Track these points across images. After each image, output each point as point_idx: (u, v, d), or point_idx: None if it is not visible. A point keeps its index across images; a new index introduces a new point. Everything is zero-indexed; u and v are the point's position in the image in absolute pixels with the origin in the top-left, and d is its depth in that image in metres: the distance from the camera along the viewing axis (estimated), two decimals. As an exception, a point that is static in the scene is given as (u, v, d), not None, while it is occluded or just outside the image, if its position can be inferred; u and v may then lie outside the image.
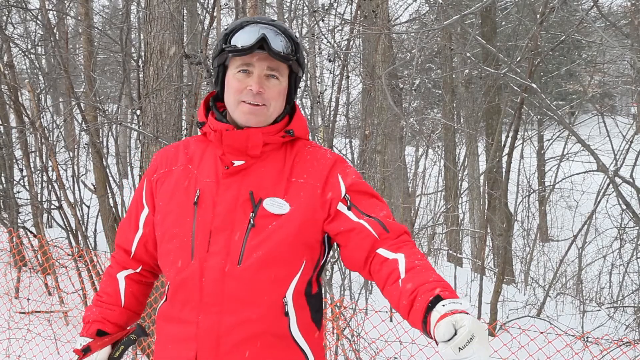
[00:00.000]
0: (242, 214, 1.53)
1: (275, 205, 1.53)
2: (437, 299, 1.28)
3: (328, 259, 1.67)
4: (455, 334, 1.18)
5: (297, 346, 1.56)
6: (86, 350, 1.68)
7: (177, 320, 1.55)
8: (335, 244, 1.62)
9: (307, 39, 6.93)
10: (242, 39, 1.53)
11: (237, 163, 1.57)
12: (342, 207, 1.55)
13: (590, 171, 7.47)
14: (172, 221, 1.58)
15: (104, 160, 6.16)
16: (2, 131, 6.61)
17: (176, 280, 1.55)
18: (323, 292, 5.11)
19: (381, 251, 1.48)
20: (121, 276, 1.73)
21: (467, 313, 1.23)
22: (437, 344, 1.21)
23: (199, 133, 1.72)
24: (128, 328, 1.76)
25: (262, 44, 1.51)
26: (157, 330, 1.64)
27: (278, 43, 1.53)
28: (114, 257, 1.77)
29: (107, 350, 1.70)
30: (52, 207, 6.63)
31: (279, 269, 1.52)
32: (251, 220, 1.51)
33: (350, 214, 1.54)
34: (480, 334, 1.17)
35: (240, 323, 1.50)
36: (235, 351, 1.50)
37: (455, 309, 1.23)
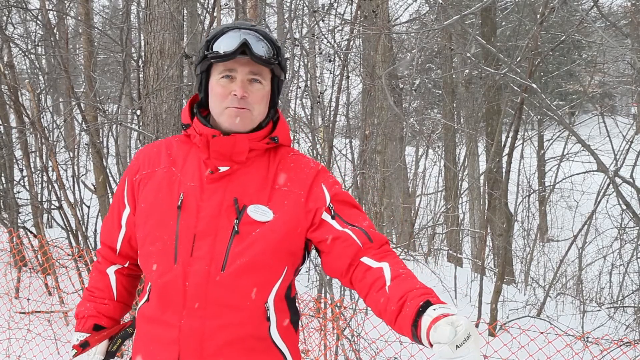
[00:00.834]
0: (226, 220, 1.54)
1: (259, 213, 1.55)
2: (427, 303, 1.32)
3: (306, 262, 1.69)
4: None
5: (277, 349, 1.59)
6: (84, 345, 1.69)
7: (159, 322, 1.57)
8: (313, 249, 1.65)
9: (307, 39, 6.93)
10: (223, 45, 1.55)
11: (222, 169, 1.58)
12: (326, 216, 1.58)
13: (590, 171, 7.47)
14: (154, 224, 1.58)
15: (104, 160, 6.16)
16: (2, 131, 6.60)
17: (158, 283, 1.56)
18: (323, 292, 5.12)
19: (365, 260, 1.51)
20: (111, 271, 1.76)
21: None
22: (431, 346, 1.24)
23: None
24: (125, 322, 1.79)
25: (244, 49, 1.53)
26: (137, 330, 1.66)
27: (260, 48, 1.55)
28: (100, 253, 1.78)
29: (104, 344, 1.73)
30: (52, 207, 6.62)
31: (261, 275, 1.54)
32: (235, 226, 1.53)
33: (335, 223, 1.57)
34: (474, 334, 1.21)
35: (223, 327, 1.52)
36: (218, 354, 1.53)
37: (446, 313, 1.26)
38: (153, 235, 1.58)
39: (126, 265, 1.76)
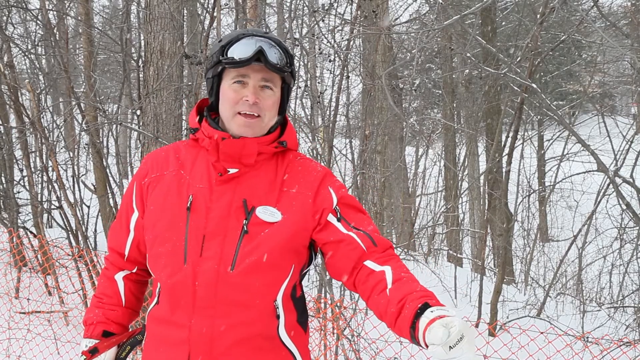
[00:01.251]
0: (235, 220, 1.56)
1: (268, 214, 1.57)
2: (426, 305, 1.35)
3: (312, 264, 1.71)
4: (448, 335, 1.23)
5: (285, 348, 1.61)
6: (94, 351, 1.70)
7: (169, 323, 1.57)
8: (319, 250, 1.67)
9: (307, 39, 6.93)
10: (239, 51, 1.57)
11: (231, 171, 1.60)
12: (332, 218, 1.60)
13: (590, 171, 7.47)
14: (164, 225, 1.60)
15: (104, 160, 6.16)
16: (2, 131, 6.60)
17: (168, 283, 1.57)
18: (323, 292, 5.12)
19: (368, 263, 1.54)
20: (119, 277, 1.76)
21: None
22: (427, 347, 1.27)
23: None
24: (134, 328, 1.80)
25: (259, 56, 1.56)
26: (147, 332, 1.66)
27: (274, 55, 1.58)
28: (108, 259, 1.79)
29: (113, 350, 1.73)
30: (52, 207, 6.62)
31: (270, 274, 1.56)
32: (244, 227, 1.55)
33: (340, 226, 1.59)
34: (469, 335, 1.24)
35: (233, 326, 1.54)
36: (228, 354, 1.54)
37: (443, 314, 1.29)
38: (162, 236, 1.59)
39: (134, 270, 1.76)
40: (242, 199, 1.58)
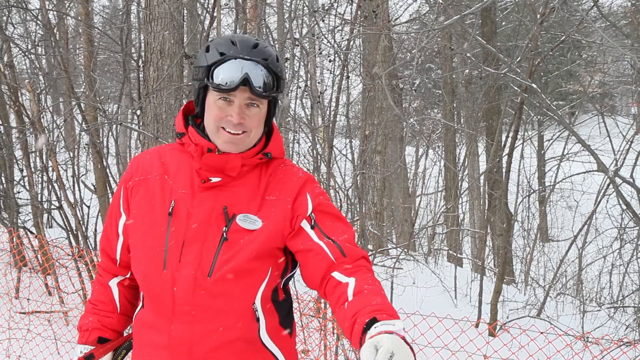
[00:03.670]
0: (215, 227, 1.56)
1: (248, 221, 1.57)
2: (373, 320, 1.33)
3: (295, 270, 1.70)
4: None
5: (266, 350, 1.61)
6: (89, 358, 1.72)
7: (151, 328, 1.59)
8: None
9: (307, 39, 6.93)
10: (224, 76, 1.53)
11: (214, 179, 1.60)
12: (305, 224, 1.59)
13: (590, 171, 7.48)
14: (145, 230, 1.60)
15: (104, 160, 6.16)
16: (2, 131, 6.60)
17: (149, 289, 1.59)
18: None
19: (335, 274, 1.52)
20: (113, 283, 1.77)
21: (394, 333, 1.27)
22: None
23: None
24: (128, 333, 1.80)
25: (245, 83, 1.53)
26: (134, 335, 1.68)
27: (260, 80, 1.54)
28: (101, 266, 1.79)
29: (109, 356, 1.75)
30: (52, 207, 6.62)
31: (247, 279, 1.56)
32: (224, 234, 1.55)
33: (312, 233, 1.58)
34: (401, 351, 1.22)
35: (213, 331, 1.54)
36: (208, 358, 1.55)
37: (384, 330, 1.27)
38: (144, 241, 1.60)
39: (128, 276, 1.76)
40: (223, 206, 1.57)
